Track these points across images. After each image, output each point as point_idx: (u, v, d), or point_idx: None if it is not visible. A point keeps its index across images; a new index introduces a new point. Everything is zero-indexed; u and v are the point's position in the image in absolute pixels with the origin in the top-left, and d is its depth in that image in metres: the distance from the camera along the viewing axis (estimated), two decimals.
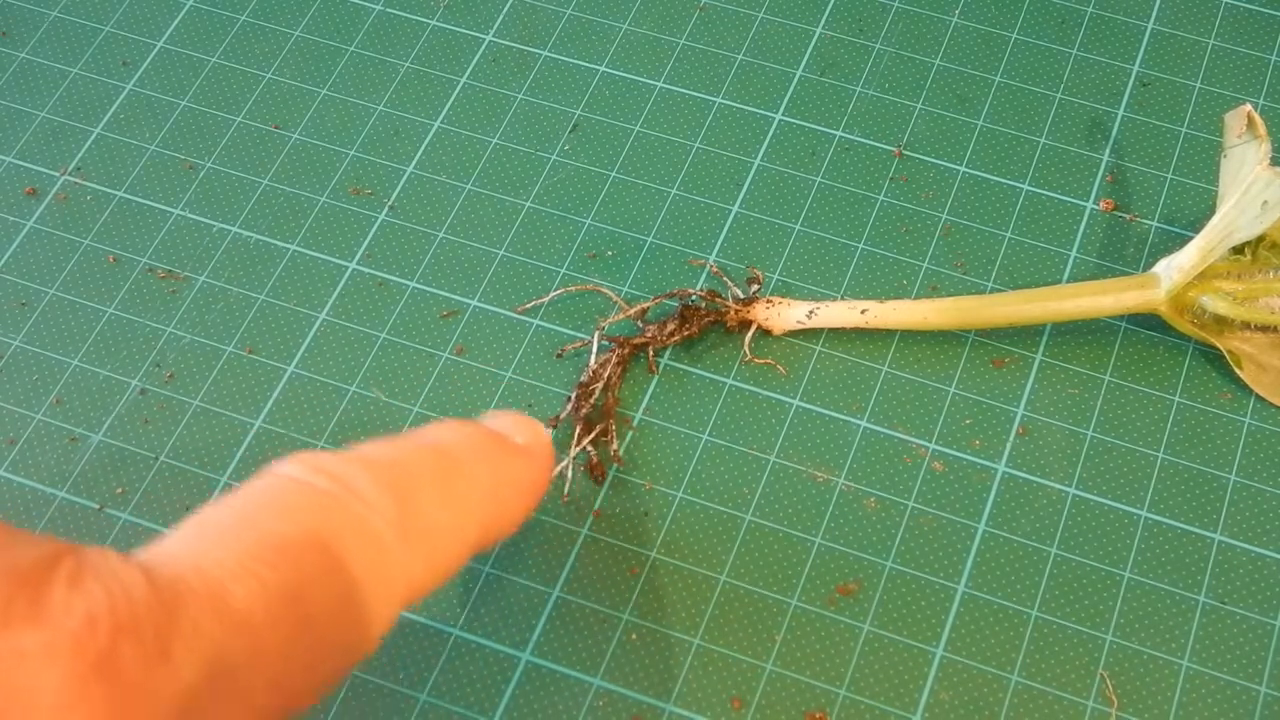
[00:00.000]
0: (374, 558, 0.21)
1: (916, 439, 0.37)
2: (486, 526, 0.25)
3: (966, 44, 0.44)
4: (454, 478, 0.24)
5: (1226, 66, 0.43)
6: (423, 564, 0.23)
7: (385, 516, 0.22)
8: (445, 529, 0.23)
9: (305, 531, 0.21)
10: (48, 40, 0.45)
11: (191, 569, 0.19)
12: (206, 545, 0.20)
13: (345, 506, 0.22)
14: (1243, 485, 0.36)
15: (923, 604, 0.34)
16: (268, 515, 0.21)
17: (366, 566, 0.21)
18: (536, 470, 0.27)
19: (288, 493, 0.22)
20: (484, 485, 0.25)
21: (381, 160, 0.42)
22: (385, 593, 0.22)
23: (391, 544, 0.22)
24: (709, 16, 0.44)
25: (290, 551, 0.20)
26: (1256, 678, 0.33)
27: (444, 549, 0.23)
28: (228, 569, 0.19)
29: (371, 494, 0.22)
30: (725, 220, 0.40)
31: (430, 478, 0.24)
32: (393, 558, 0.22)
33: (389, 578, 0.22)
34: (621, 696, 0.33)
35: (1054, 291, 0.37)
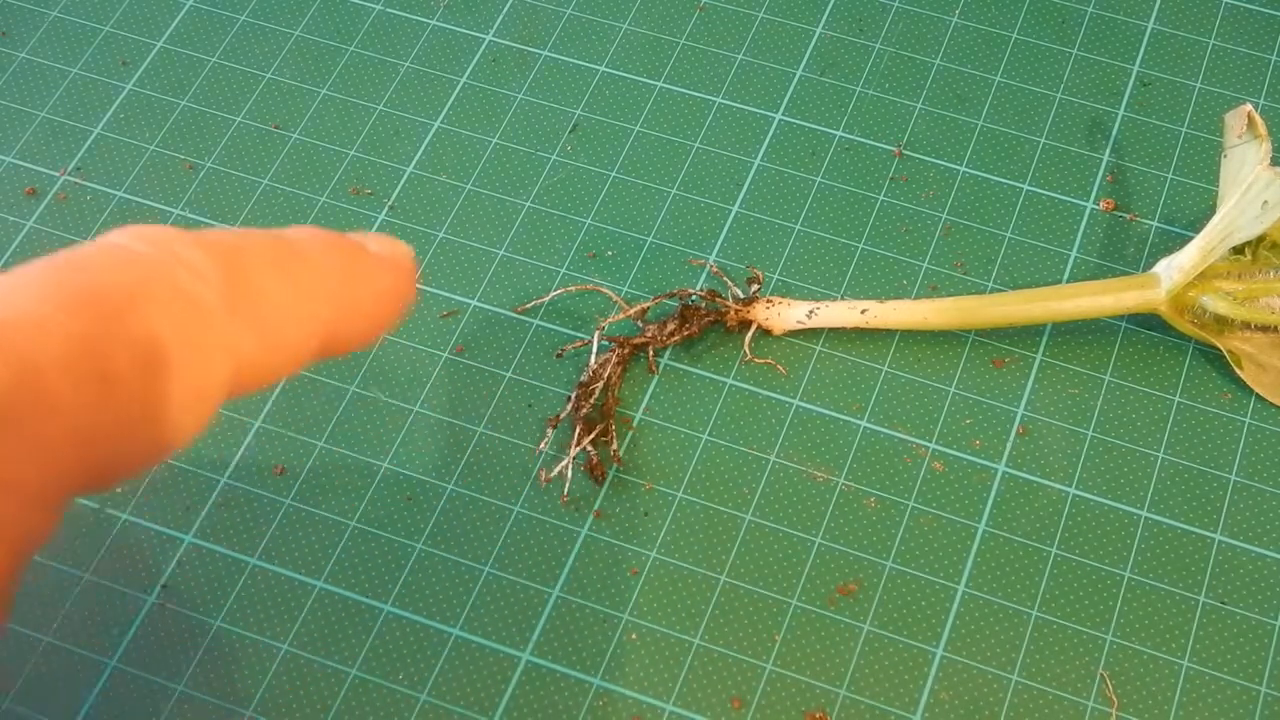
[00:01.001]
0: (192, 321, 0.20)
1: (916, 439, 0.37)
2: (334, 319, 0.23)
3: (966, 44, 0.44)
4: (295, 259, 0.23)
5: (1226, 66, 0.43)
6: (253, 338, 0.21)
7: (208, 281, 0.21)
8: (282, 306, 0.22)
9: (112, 285, 0.20)
10: (48, 40, 0.45)
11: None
12: (4, 292, 0.19)
13: (163, 266, 0.20)
14: (1243, 485, 0.36)
15: (923, 604, 0.34)
16: (74, 270, 0.20)
17: (183, 328, 0.20)
18: (394, 274, 0.25)
19: (103, 253, 0.20)
20: (332, 275, 0.23)
21: (381, 160, 0.42)
22: (205, 360, 0.20)
23: (213, 309, 0.20)
24: (709, 16, 0.44)
25: (91, 302, 0.19)
26: (1256, 678, 0.33)
27: (280, 327, 0.22)
28: (20, 313, 0.19)
29: (195, 258, 0.21)
30: (725, 220, 0.40)
31: (268, 255, 0.22)
32: (214, 324, 0.20)
33: (209, 344, 0.20)
34: (621, 696, 0.33)
35: (1054, 291, 0.37)
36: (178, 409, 0.20)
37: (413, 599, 0.35)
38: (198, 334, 0.20)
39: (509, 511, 0.36)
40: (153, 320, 0.20)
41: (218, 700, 0.33)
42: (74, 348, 0.19)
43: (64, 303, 0.19)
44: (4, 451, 0.18)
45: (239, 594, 0.35)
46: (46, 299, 0.19)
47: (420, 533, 0.36)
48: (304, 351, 0.23)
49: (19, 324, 0.19)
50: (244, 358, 0.21)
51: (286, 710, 0.33)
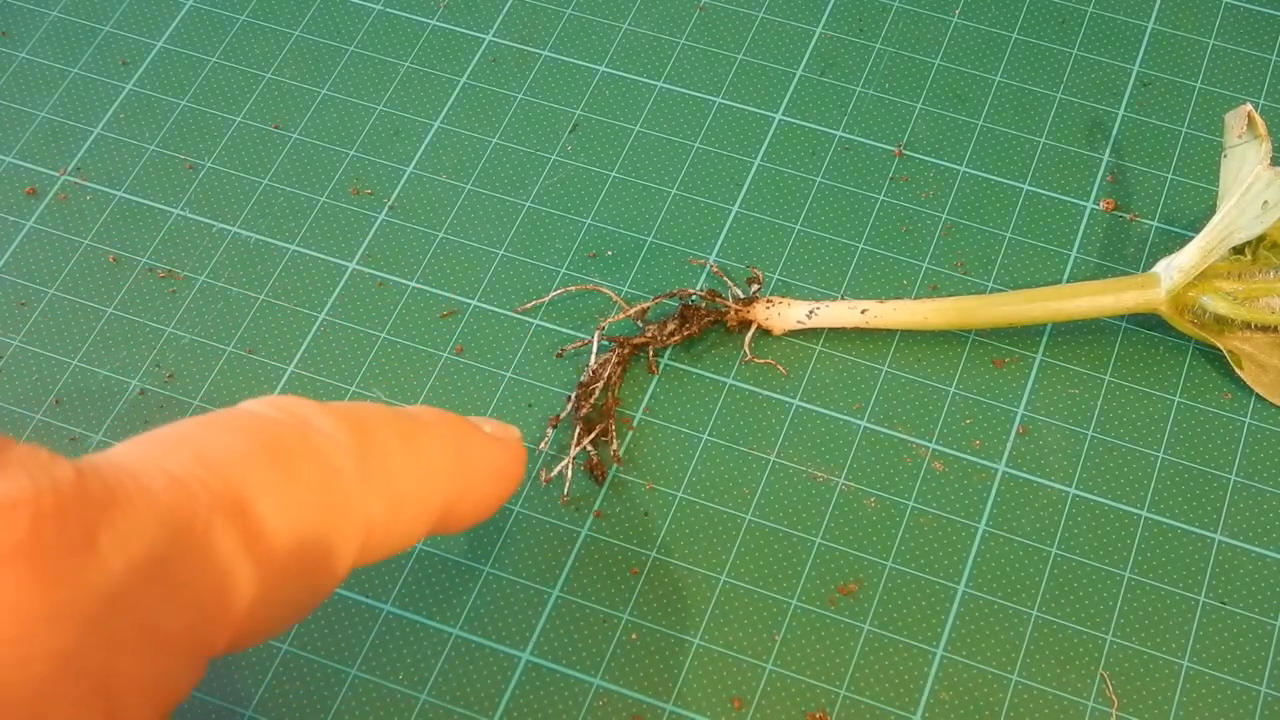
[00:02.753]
0: (328, 484, 0.21)
1: (916, 439, 0.37)
2: (452, 493, 0.24)
3: (966, 44, 0.44)
4: (418, 434, 0.23)
5: (1226, 66, 0.43)
6: (382, 504, 0.22)
7: (343, 448, 0.21)
8: (407, 475, 0.22)
9: (257, 447, 0.20)
10: (48, 40, 0.45)
11: (129, 470, 0.19)
12: (151, 452, 0.19)
13: (301, 433, 0.21)
14: (1243, 485, 0.36)
15: (923, 604, 0.34)
16: (221, 431, 0.20)
17: (320, 491, 0.20)
18: (507, 455, 0.26)
19: (245, 416, 0.21)
20: (450, 449, 0.24)
21: (381, 160, 0.42)
22: (340, 523, 0.21)
23: (348, 474, 0.21)
24: (709, 16, 0.44)
25: (239, 464, 0.20)
26: (1256, 678, 0.33)
27: (405, 495, 0.22)
28: (169, 473, 0.19)
29: (330, 427, 0.21)
30: (725, 220, 0.40)
31: (394, 429, 0.23)
32: (349, 488, 0.21)
33: (344, 508, 0.21)
34: (621, 696, 0.33)
35: (1054, 291, 0.37)
36: (318, 569, 0.20)
37: (413, 599, 0.35)
38: (333, 495, 0.21)
39: (509, 511, 0.36)
40: (294, 480, 0.20)
41: (218, 700, 0.33)
42: (220, 508, 0.19)
43: (208, 462, 0.19)
44: (157, 607, 0.18)
45: None
46: (191, 457, 0.19)
47: None
48: (425, 521, 0.23)
49: (166, 480, 0.19)
50: (373, 523, 0.22)
51: (286, 710, 0.33)
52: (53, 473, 0.18)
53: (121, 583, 0.17)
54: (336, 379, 0.38)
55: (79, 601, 0.17)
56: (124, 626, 0.18)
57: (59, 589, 0.17)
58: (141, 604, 0.18)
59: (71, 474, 0.18)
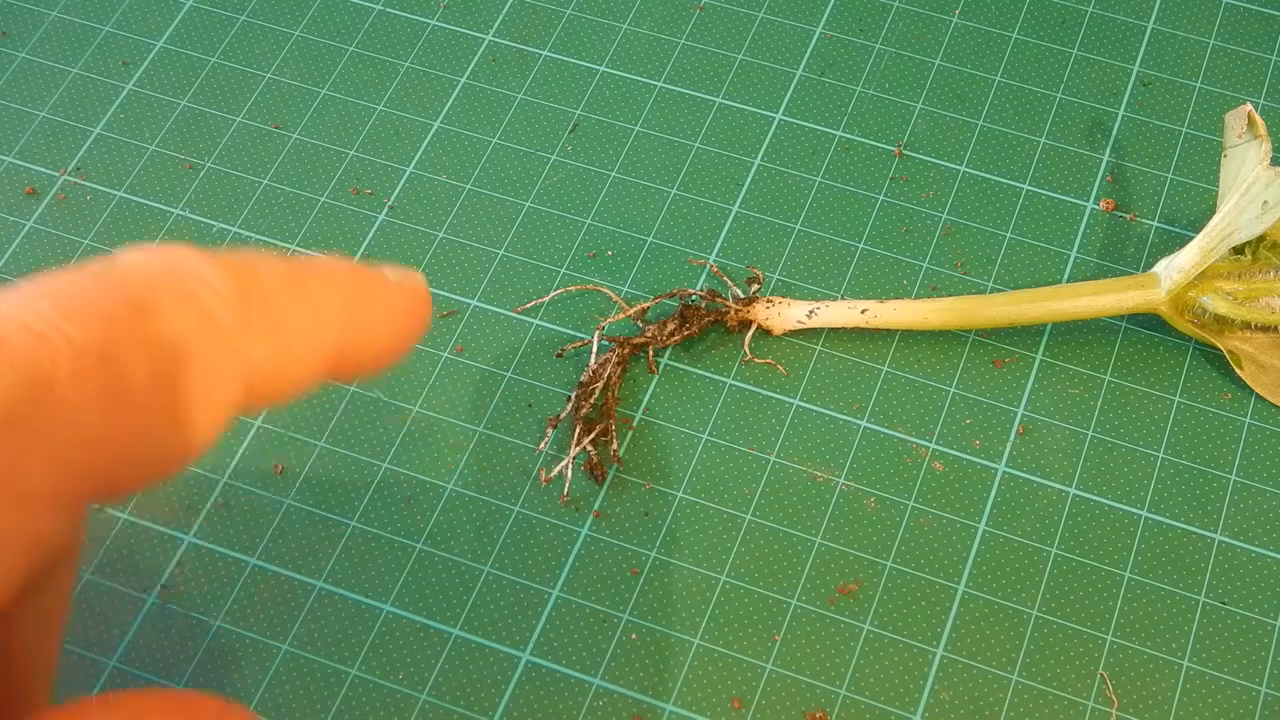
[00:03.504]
0: (203, 327, 0.20)
1: (916, 439, 0.37)
2: (346, 332, 0.23)
3: (966, 44, 0.44)
4: (307, 277, 0.23)
5: (1226, 66, 0.43)
6: (265, 346, 0.21)
7: (220, 293, 0.21)
8: (292, 317, 0.22)
9: (124, 295, 0.20)
10: (48, 40, 0.45)
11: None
12: (8, 307, 0.19)
13: (172, 276, 0.20)
14: (1243, 485, 0.36)
15: (923, 604, 0.34)
16: (82, 280, 0.20)
17: (194, 338, 0.20)
18: (408, 297, 0.25)
19: (114, 264, 0.21)
20: (343, 290, 0.23)
21: (381, 160, 0.42)
22: (216, 367, 0.20)
23: (225, 320, 0.20)
24: (709, 16, 0.44)
25: (101, 311, 0.19)
26: (1256, 678, 0.33)
27: (291, 340, 0.22)
28: (31, 325, 0.19)
29: (205, 270, 0.21)
30: (725, 220, 0.40)
31: (280, 270, 0.22)
32: (225, 331, 0.21)
33: (220, 356, 0.20)
34: (621, 696, 0.33)
35: (1054, 291, 0.37)
36: (191, 416, 0.20)
37: (413, 599, 0.35)
38: (209, 341, 0.20)
39: (509, 511, 0.36)
40: (163, 327, 0.20)
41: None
42: (82, 355, 0.19)
43: (71, 311, 0.19)
44: (11, 458, 0.18)
45: (239, 594, 0.35)
46: (54, 308, 0.19)
47: (420, 533, 0.36)
48: (316, 363, 0.23)
49: (24, 333, 0.19)
50: (256, 367, 0.21)
51: (286, 710, 0.33)
52: None
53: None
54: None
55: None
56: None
57: None
58: (4, 458, 0.18)
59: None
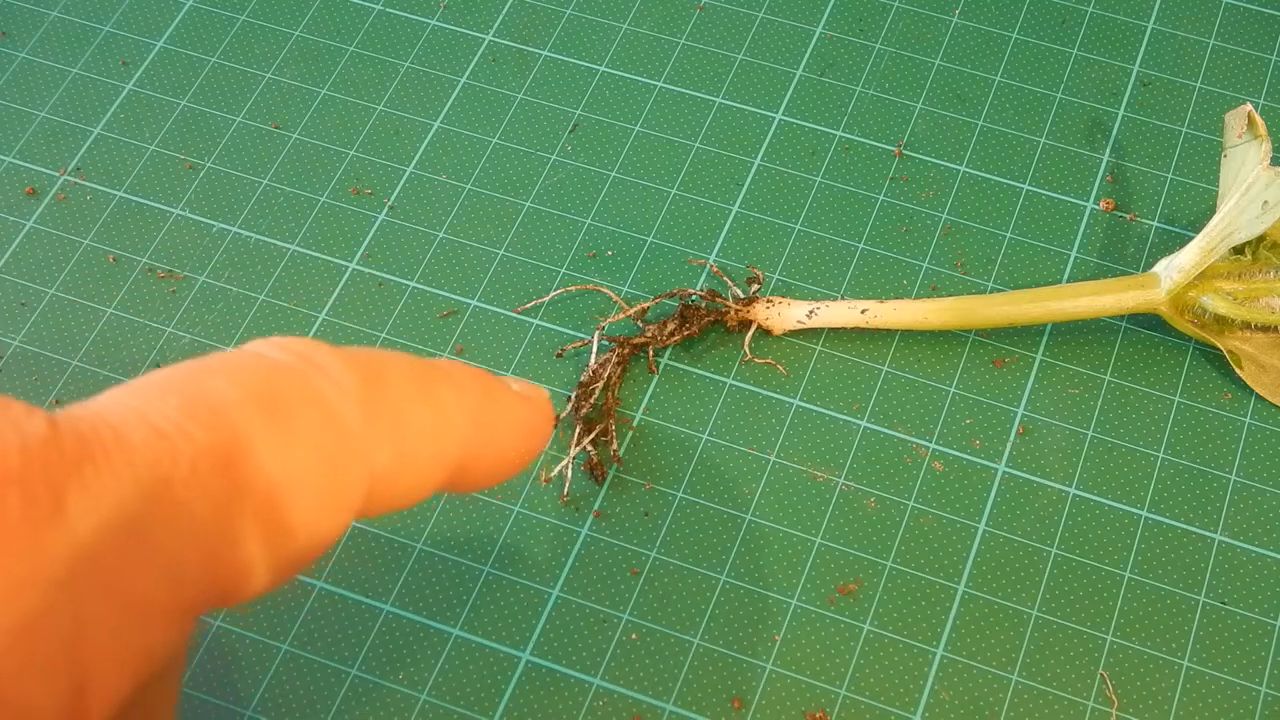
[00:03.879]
0: (329, 432, 0.19)
1: (916, 439, 0.37)
2: (470, 447, 0.22)
3: (966, 44, 0.44)
4: (436, 382, 0.22)
5: (1226, 66, 0.43)
6: (389, 455, 0.20)
7: (346, 391, 0.19)
8: (419, 425, 0.21)
9: (250, 394, 0.18)
10: (48, 40, 0.45)
11: (108, 422, 0.17)
12: (135, 400, 0.18)
13: (302, 376, 0.19)
14: (1243, 485, 0.36)
15: (923, 604, 0.34)
16: (213, 377, 0.19)
17: (319, 440, 0.19)
18: (533, 412, 0.24)
19: (242, 360, 0.19)
20: (470, 401, 0.22)
21: (381, 160, 0.42)
22: (341, 473, 0.19)
23: (351, 421, 0.19)
24: (709, 16, 0.44)
25: (228, 412, 0.18)
26: (1256, 678, 0.33)
27: (416, 446, 0.21)
28: (153, 424, 0.17)
29: (335, 369, 0.20)
30: (725, 220, 0.40)
31: (408, 376, 0.21)
32: (352, 436, 0.19)
33: (346, 457, 0.19)
34: (621, 696, 0.33)
35: (1054, 291, 0.37)
36: (312, 523, 0.19)
37: (413, 599, 0.35)
38: (334, 445, 0.19)
39: (509, 511, 0.36)
40: (290, 430, 0.19)
41: (217, 700, 0.33)
42: (205, 461, 0.18)
43: (195, 412, 0.18)
44: (132, 569, 0.17)
45: None
46: (178, 407, 0.18)
47: (420, 533, 0.36)
48: (438, 475, 0.22)
49: (145, 431, 0.17)
50: (379, 472, 0.20)
51: (286, 710, 0.33)
52: (23, 429, 0.16)
53: (91, 546, 0.16)
54: None
55: (43, 569, 0.16)
56: (93, 592, 0.16)
57: (22, 558, 0.16)
58: (113, 567, 0.16)
59: (44, 429, 0.16)
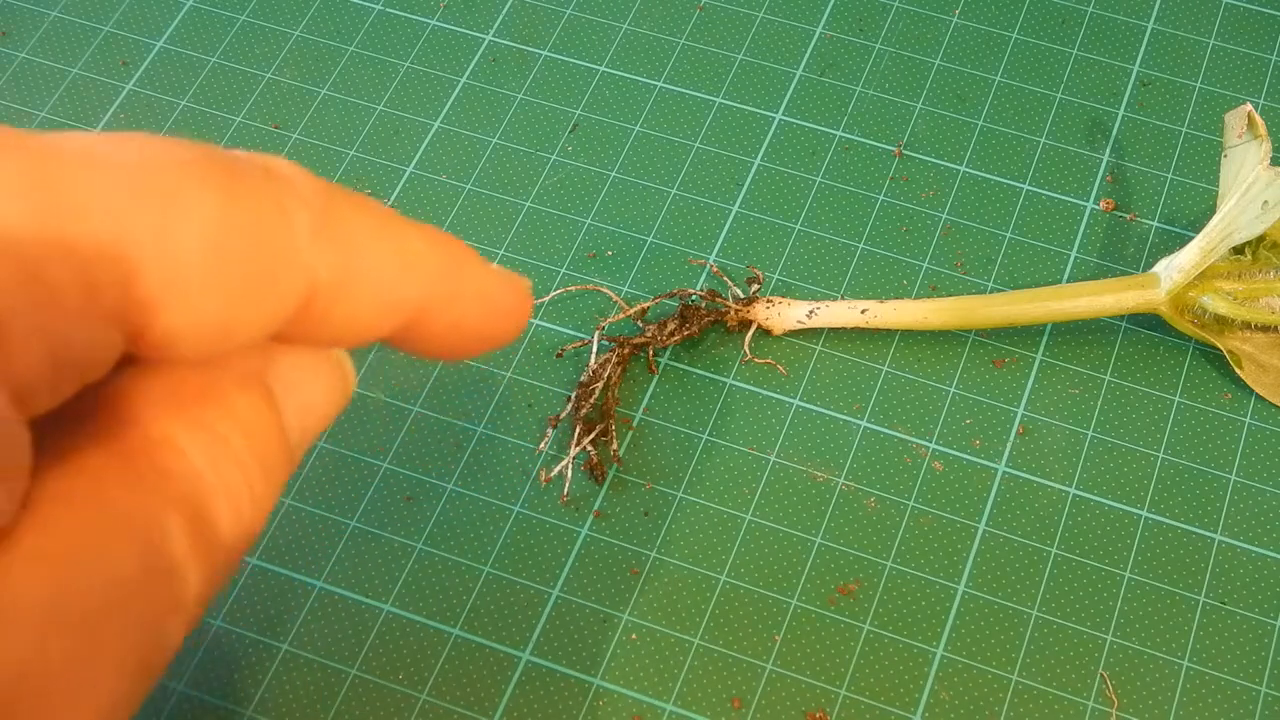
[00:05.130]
0: (270, 219, 0.18)
1: (916, 439, 0.37)
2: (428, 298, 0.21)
3: (966, 44, 0.44)
4: (404, 227, 0.21)
5: (1226, 66, 0.43)
6: (332, 267, 0.19)
7: (303, 199, 0.19)
8: (375, 254, 0.20)
9: (202, 159, 0.18)
10: (48, 40, 0.45)
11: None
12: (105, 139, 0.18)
13: (258, 168, 0.19)
14: (1243, 485, 0.36)
15: (923, 604, 0.34)
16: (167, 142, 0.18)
17: (257, 219, 0.18)
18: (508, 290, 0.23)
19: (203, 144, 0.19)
20: (440, 252, 0.21)
21: (381, 160, 0.42)
22: (275, 265, 0.19)
23: (299, 222, 0.19)
24: (709, 16, 0.44)
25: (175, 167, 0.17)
26: (1256, 678, 0.33)
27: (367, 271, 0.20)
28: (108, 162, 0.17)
29: (295, 174, 0.19)
30: (725, 220, 0.40)
31: (377, 212, 0.20)
32: (295, 234, 0.19)
33: (284, 251, 0.19)
34: (621, 696, 0.33)
35: (1054, 291, 0.37)
36: (244, 299, 0.18)
37: (413, 599, 0.35)
38: (274, 233, 0.18)
39: (509, 511, 0.36)
40: (234, 199, 0.18)
41: (217, 700, 0.33)
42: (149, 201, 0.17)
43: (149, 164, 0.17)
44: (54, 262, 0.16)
45: (239, 594, 0.35)
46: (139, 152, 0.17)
47: (420, 533, 0.36)
48: (386, 314, 0.21)
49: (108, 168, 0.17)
50: (319, 286, 0.19)
51: (286, 710, 0.33)
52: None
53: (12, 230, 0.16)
54: None
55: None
56: (14, 273, 0.16)
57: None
58: (29, 251, 0.16)
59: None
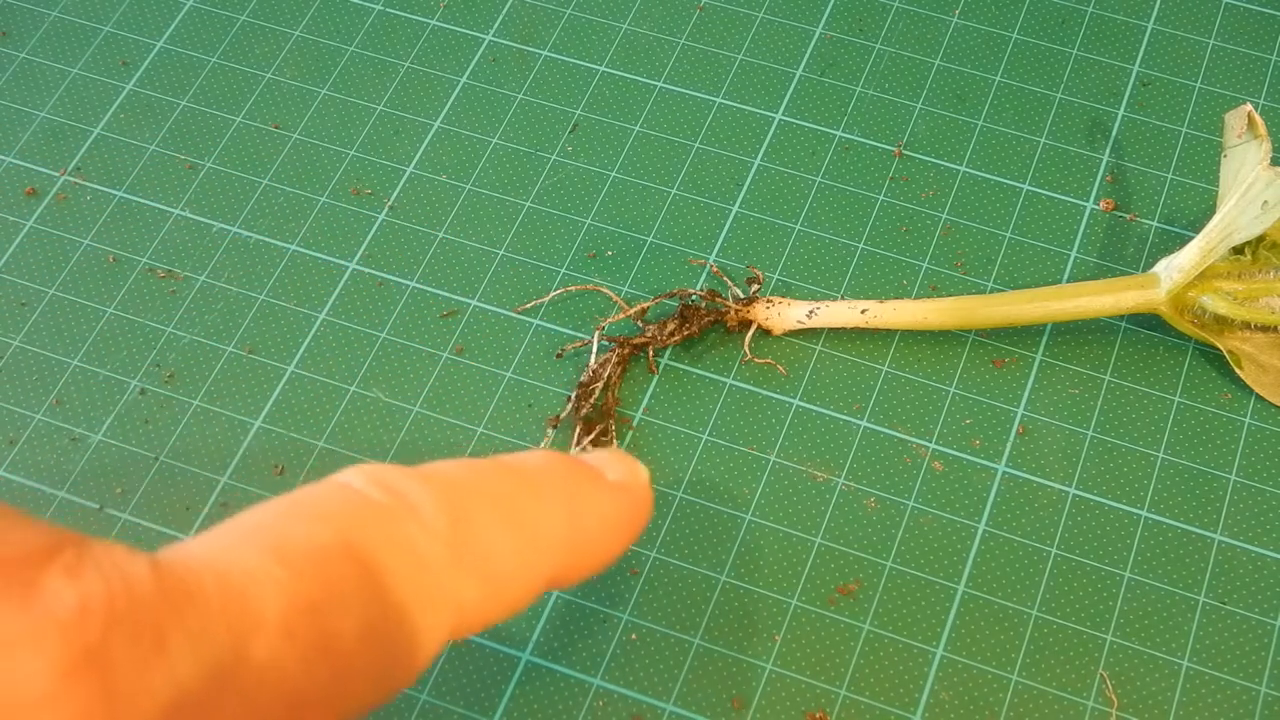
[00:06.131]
0: (417, 578, 0.20)
1: (916, 439, 0.37)
2: (563, 559, 0.22)
3: (966, 44, 0.44)
4: (524, 499, 0.22)
5: (1226, 66, 0.43)
6: (476, 590, 0.21)
7: (435, 532, 0.20)
8: (507, 554, 0.21)
9: (340, 541, 0.19)
10: (48, 40, 0.45)
11: (206, 565, 0.18)
12: (229, 543, 0.19)
13: (392, 518, 0.20)
14: (1243, 485, 0.36)
15: (923, 604, 0.34)
16: (303, 520, 0.19)
17: (408, 587, 0.19)
18: (630, 506, 0.24)
19: (332, 499, 0.20)
20: (562, 513, 0.22)
21: (381, 160, 0.42)
22: (428, 618, 0.20)
23: (439, 564, 0.20)
24: (709, 16, 0.44)
25: (318, 558, 0.19)
26: (1256, 678, 0.33)
27: (504, 576, 0.21)
28: (245, 569, 0.18)
29: (424, 504, 0.20)
30: (725, 220, 0.40)
31: (496, 497, 0.21)
32: (440, 580, 0.20)
33: (434, 601, 0.20)
34: (621, 696, 0.33)
35: (1054, 291, 0.37)
36: (396, 666, 0.19)
37: None
38: (422, 590, 0.20)
39: None
40: (379, 578, 0.19)
41: None
42: (296, 605, 0.18)
43: (286, 557, 0.18)
44: (220, 712, 0.17)
45: None
46: (270, 552, 0.19)
47: None
48: (529, 595, 0.22)
49: (241, 578, 0.18)
50: (466, 608, 0.21)
51: None
52: (127, 573, 0.17)
53: (189, 686, 0.17)
54: (336, 379, 0.38)
55: (145, 709, 0.16)
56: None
57: (123, 700, 0.16)
58: (205, 709, 0.17)
59: (148, 574, 0.17)
